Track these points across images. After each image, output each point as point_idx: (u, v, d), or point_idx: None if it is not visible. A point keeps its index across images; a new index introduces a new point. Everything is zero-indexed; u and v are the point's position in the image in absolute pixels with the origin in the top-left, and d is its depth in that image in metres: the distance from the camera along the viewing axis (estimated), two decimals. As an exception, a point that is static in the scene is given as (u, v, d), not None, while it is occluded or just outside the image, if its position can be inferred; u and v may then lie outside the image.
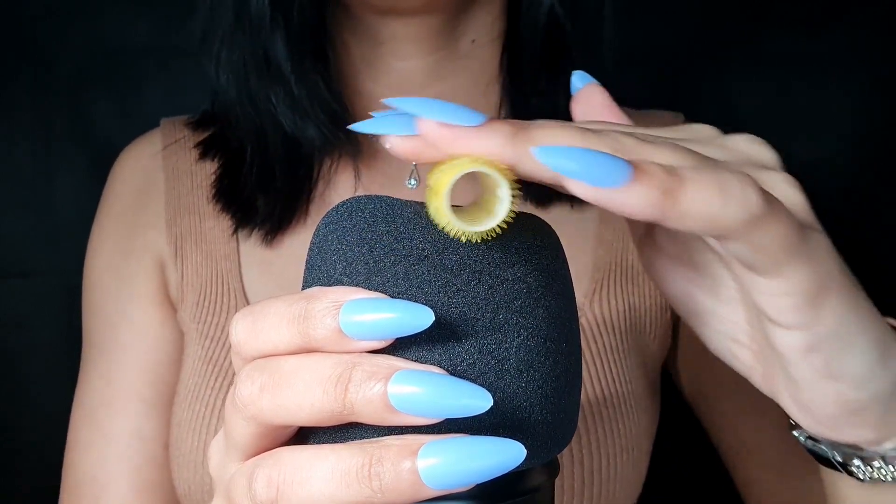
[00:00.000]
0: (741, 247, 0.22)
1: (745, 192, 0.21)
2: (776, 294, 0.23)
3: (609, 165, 0.20)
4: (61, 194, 0.71)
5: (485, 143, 0.21)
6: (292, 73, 0.47)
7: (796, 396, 0.26)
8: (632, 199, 0.20)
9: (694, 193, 0.20)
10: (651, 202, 0.20)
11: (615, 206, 0.20)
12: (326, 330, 0.21)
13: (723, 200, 0.21)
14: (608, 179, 0.20)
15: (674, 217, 0.21)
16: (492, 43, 0.51)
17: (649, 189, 0.20)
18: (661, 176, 0.20)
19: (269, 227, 0.49)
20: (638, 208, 0.20)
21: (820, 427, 0.27)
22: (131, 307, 0.52)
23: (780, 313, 0.23)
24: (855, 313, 0.24)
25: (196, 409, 0.47)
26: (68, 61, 0.70)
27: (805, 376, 0.25)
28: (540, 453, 0.23)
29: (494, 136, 0.21)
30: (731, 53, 0.71)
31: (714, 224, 0.21)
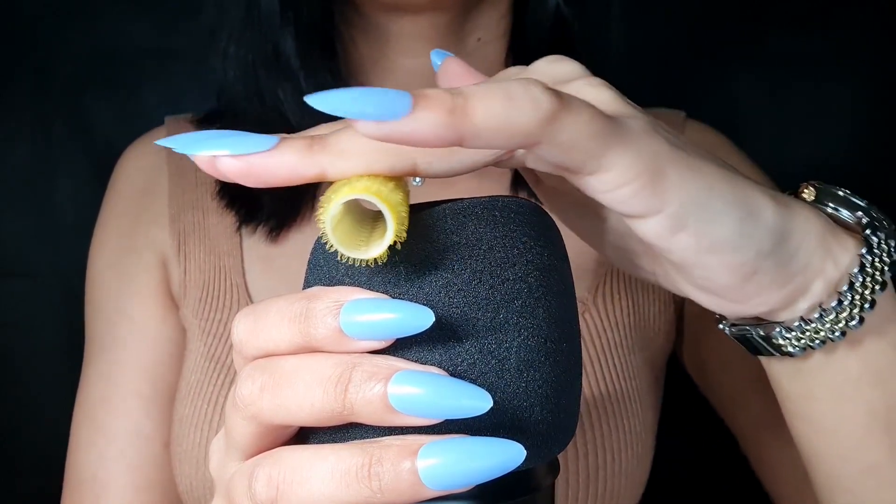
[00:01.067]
0: (551, 150, 0.22)
1: (530, 91, 0.21)
2: (611, 188, 0.23)
3: (388, 97, 0.19)
4: (61, 194, 0.71)
5: (277, 165, 0.21)
6: (301, 68, 0.47)
7: (690, 279, 0.26)
8: (421, 126, 0.20)
9: (481, 105, 0.20)
10: (441, 123, 0.20)
11: (407, 137, 0.20)
12: (327, 330, 0.21)
13: (510, 105, 0.20)
14: (390, 111, 0.19)
15: (470, 134, 0.20)
16: (497, 41, 0.51)
17: (434, 112, 0.20)
18: (444, 97, 0.20)
19: (273, 222, 0.49)
20: (431, 133, 0.20)
21: (728, 304, 0.27)
22: (132, 304, 0.52)
23: (625, 205, 0.23)
24: (700, 181, 0.23)
25: (198, 405, 0.47)
26: (68, 62, 0.70)
27: (683, 256, 0.24)
28: (540, 453, 0.23)
29: (288, 153, 0.21)
30: (734, 53, 0.71)
31: (511, 132, 0.21)
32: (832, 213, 0.28)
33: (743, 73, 0.71)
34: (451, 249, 0.22)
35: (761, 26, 0.71)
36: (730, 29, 0.71)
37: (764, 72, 0.71)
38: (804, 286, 0.26)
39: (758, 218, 0.24)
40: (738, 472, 0.55)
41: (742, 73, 0.71)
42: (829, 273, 0.26)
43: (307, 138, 0.22)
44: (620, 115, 0.24)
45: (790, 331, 0.27)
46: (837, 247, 0.26)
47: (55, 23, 0.70)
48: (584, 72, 0.26)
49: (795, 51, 0.70)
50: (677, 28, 0.72)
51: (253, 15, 0.48)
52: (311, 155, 0.21)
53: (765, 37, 0.71)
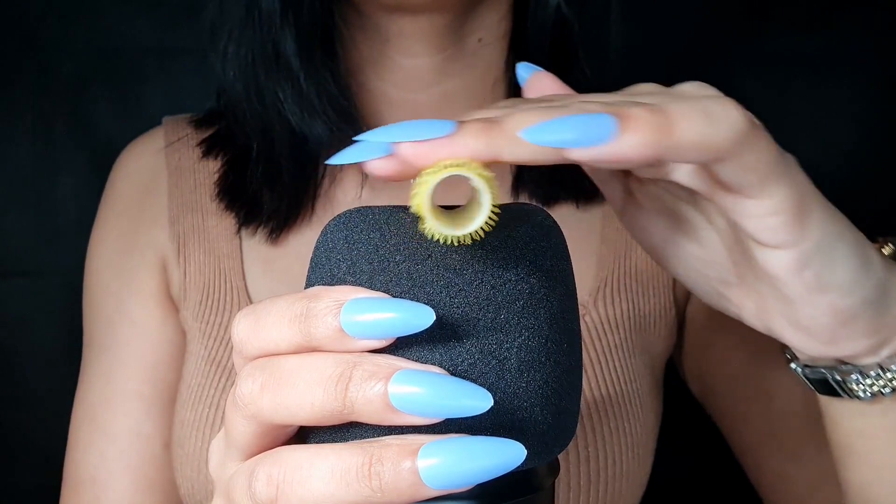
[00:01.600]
0: (733, 168, 0.23)
1: (728, 112, 0.22)
2: (765, 214, 0.24)
3: (595, 122, 0.20)
4: (62, 194, 0.71)
5: (461, 148, 0.21)
6: (301, 68, 0.47)
7: (792, 317, 0.27)
8: (628, 147, 0.21)
9: (683, 123, 0.21)
10: (647, 142, 0.21)
11: (616, 158, 0.21)
12: (328, 329, 0.21)
13: (711, 123, 0.21)
14: (600, 136, 0.20)
15: (671, 150, 0.21)
16: (498, 41, 0.51)
17: (641, 131, 0.21)
18: (647, 116, 0.21)
19: (274, 224, 0.49)
20: (638, 153, 0.21)
21: (817, 344, 0.28)
22: (131, 305, 0.51)
23: (770, 234, 0.24)
24: (834, 225, 0.25)
25: (199, 409, 0.47)
26: (69, 61, 0.70)
27: (799, 293, 0.26)
28: (540, 453, 0.23)
29: (467, 138, 0.21)
30: (735, 54, 0.71)
31: (709, 148, 0.22)
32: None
33: (744, 73, 0.71)
34: (453, 249, 0.22)
35: (762, 27, 0.71)
36: (731, 29, 0.71)
37: (765, 73, 0.71)
38: (891, 337, 0.28)
39: (870, 268, 0.26)
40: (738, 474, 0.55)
41: (743, 74, 0.71)
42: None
43: (483, 122, 0.22)
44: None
45: (866, 377, 0.29)
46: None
47: (57, 21, 0.70)
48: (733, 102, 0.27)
49: (797, 52, 0.70)
50: (678, 29, 0.72)
51: (253, 15, 0.47)
52: (489, 138, 0.22)
53: (766, 37, 0.71)
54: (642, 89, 0.27)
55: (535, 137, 0.21)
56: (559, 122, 0.21)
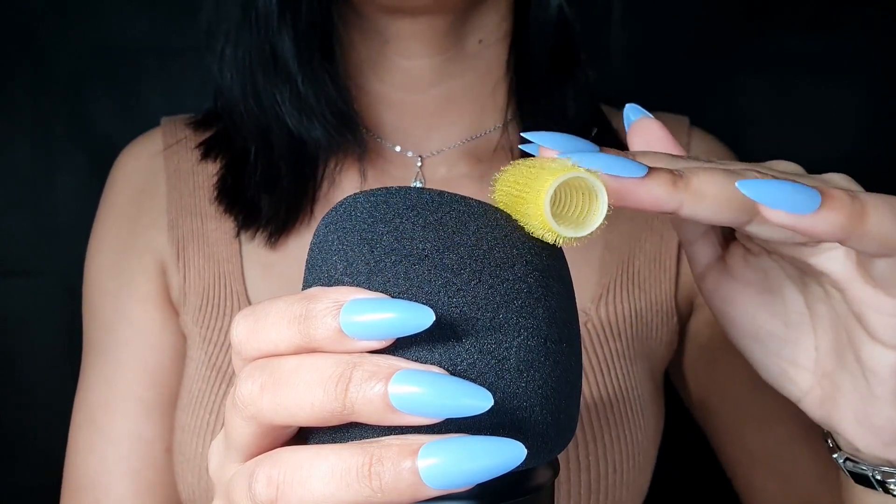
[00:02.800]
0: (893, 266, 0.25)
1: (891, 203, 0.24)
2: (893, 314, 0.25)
3: (803, 194, 0.23)
4: (61, 194, 0.71)
5: (650, 193, 0.23)
6: (299, 71, 0.47)
7: (864, 414, 0.28)
8: (824, 224, 0.23)
9: (876, 217, 0.23)
10: (841, 225, 0.23)
11: (808, 230, 0.23)
12: (327, 330, 0.21)
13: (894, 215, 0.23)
14: (804, 206, 0.23)
15: (856, 238, 0.23)
16: (498, 43, 0.51)
17: (838, 213, 0.23)
18: (847, 201, 0.23)
19: (273, 228, 0.49)
20: (830, 231, 0.23)
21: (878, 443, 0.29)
22: (131, 307, 0.51)
23: (893, 334, 0.26)
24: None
25: (199, 414, 0.47)
26: (68, 60, 0.70)
27: (890, 393, 0.27)
28: (540, 453, 0.23)
29: (658, 185, 0.23)
30: (737, 53, 0.71)
31: (886, 243, 0.24)
32: None
33: (745, 74, 0.71)
34: (451, 249, 0.22)
35: (764, 27, 0.71)
36: (732, 30, 0.71)
37: (767, 73, 0.71)
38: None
39: None
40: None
41: (745, 75, 0.71)
42: None
43: (671, 174, 0.23)
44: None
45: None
46: None
47: (56, 21, 0.70)
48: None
49: (798, 52, 0.70)
50: (679, 29, 0.72)
51: (250, 16, 0.47)
52: (675, 192, 0.23)
53: (768, 38, 0.71)
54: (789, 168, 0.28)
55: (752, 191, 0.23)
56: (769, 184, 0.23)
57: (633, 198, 0.23)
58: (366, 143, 0.49)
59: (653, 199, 0.23)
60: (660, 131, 0.30)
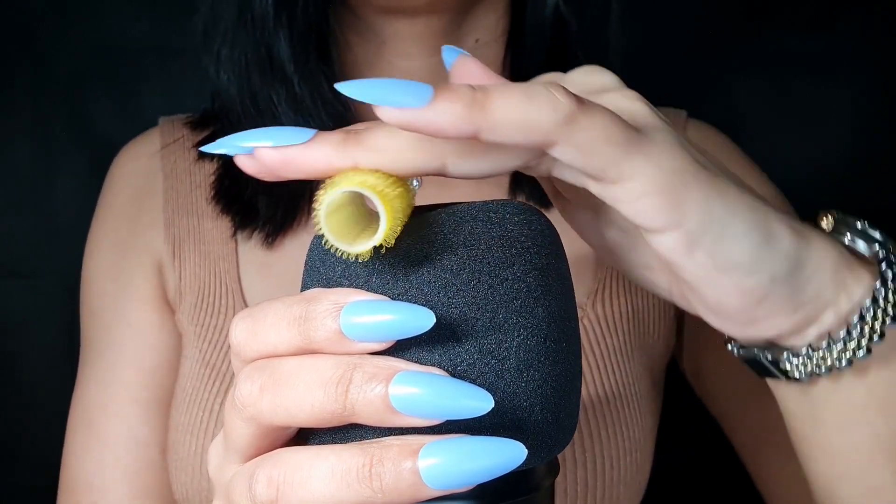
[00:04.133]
0: (569, 152, 0.22)
1: (551, 93, 0.21)
2: (632, 198, 0.23)
3: (411, 88, 0.21)
4: (61, 194, 0.71)
5: (314, 156, 0.22)
6: (295, 72, 0.47)
7: (702, 300, 0.26)
8: (440, 116, 0.21)
9: (500, 100, 0.21)
10: (459, 115, 0.21)
11: (427, 126, 0.21)
12: (327, 331, 0.21)
13: (529, 103, 0.21)
14: (412, 100, 0.21)
15: (487, 128, 0.21)
16: (495, 42, 0.51)
17: (453, 103, 0.21)
18: (465, 90, 0.21)
19: (269, 228, 0.49)
20: (449, 123, 0.21)
21: (737, 326, 0.27)
22: (128, 308, 0.51)
23: (644, 217, 0.23)
24: (722, 201, 0.24)
25: (194, 412, 0.47)
26: (68, 61, 0.70)
27: (697, 275, 0.25)
28: (540, 453, 0.23)
29: (322, 147, 0.22)
30: (735, 53, 0.71)
31: (528, 129, 0.21)
32: (849, 245, 0.28)
33: (744, 73, 0.71)
34: (449, 250, 0.22)
35: (763, 27, 0.71)
36: (731, 30, 0.71)
37: (765, 73, 0.71)
38: (814, 315, 0.27)
39: (774, 244, 0.25)
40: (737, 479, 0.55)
41: (743, 74, 0.71)
42: (842, 304, 0.26)
43: (342, 132, 0.22)
44: (649, 127, 0.24)
45: (797, 356, 0.27)
46: (851, 279, 0.27)
47: (55, 21, 0.70)
48: (619, 84, 0.27)
49: (796, 51, 0.70)
50: (678, 28, 0.72)
51: (245, 17, 0.47)
52: (345, 148, 0.22)
53: (766, 38, 0.71)
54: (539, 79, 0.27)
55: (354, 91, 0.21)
56: (383, 81, 0.21)
57: (303, 162, 0.22)
58: None
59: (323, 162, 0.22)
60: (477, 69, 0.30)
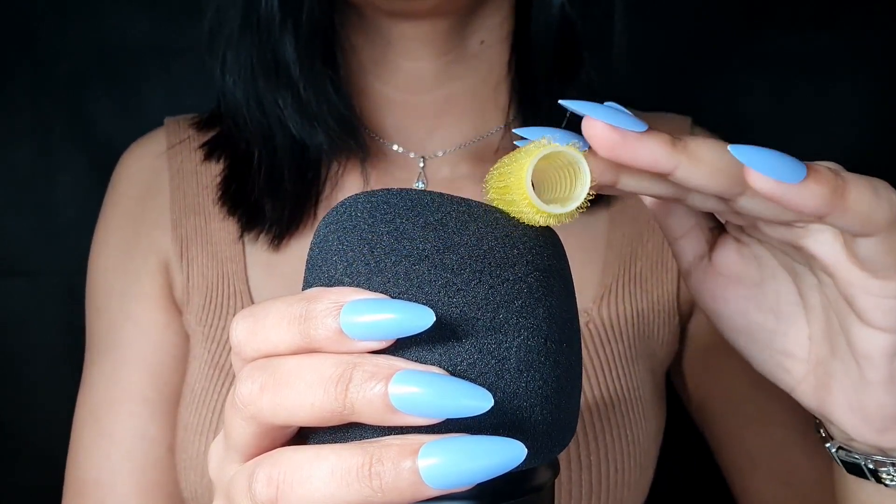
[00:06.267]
0: (876, 246, 0.25)
1: (891, 192, 0.24)
2: (884, 296, 0.26)
3: (790, 164, 0.23)
4: (61, 194, 0.71)
5: (648, 149, 0.23)
6: (301, 76, 0.47)
7: (857, 400, 0.28)
8: (807, 195, 0.23)
9: (857, 193, 0.24)
10: (824, 199, 0.23)
11: (791, 200, 0.23)
12: (327, 330, 0.21)
13: (877, 200, 0.24)
14: (790, 175, 0.23)
15: (840, 211, 0.24)
16: (500, 43, 0.51)
17: (823, 186, 0.23)
18: (831, 176, 0.24)
19: (276, 231, 0.49)
20: (812, 203, 0.23)
21: (869, 431, 0.29)
22: (135, 307, 0.51)
23: (882, 315, 0.26)
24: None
25: (202, 413, 0.47)
26: (68, 61, 0.70)
27: (883, 378, 0.27)
28: (540, 453, 0.23)
29: (657, 143, 0.23)
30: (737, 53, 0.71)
31: (868, 221, 0.24)
32: None
33: (745, 73, 0.71)
34: (451, 249, 0.22)
35: (764, 26, 0.71)
36: (732, 30, 0.71)
37: (767, 73, 0.71)
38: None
39: None
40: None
41: (745, 74, 0.71)
42: None
43: (671, 136, 0.24)
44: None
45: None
46: None
47: (56, 21, 0.70)
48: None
49: (798, 51, 0.70)
50: (679, 29, 0.72)
51: (251, 21, 0.47)
52: (674, 151, 0.23)
53: (768, 37, 0.71)
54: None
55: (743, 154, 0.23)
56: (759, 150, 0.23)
57: (631, 152, 0.23)
58: (368, 146, 0.49)
59: (650, 156, 0.23)
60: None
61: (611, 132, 0.23)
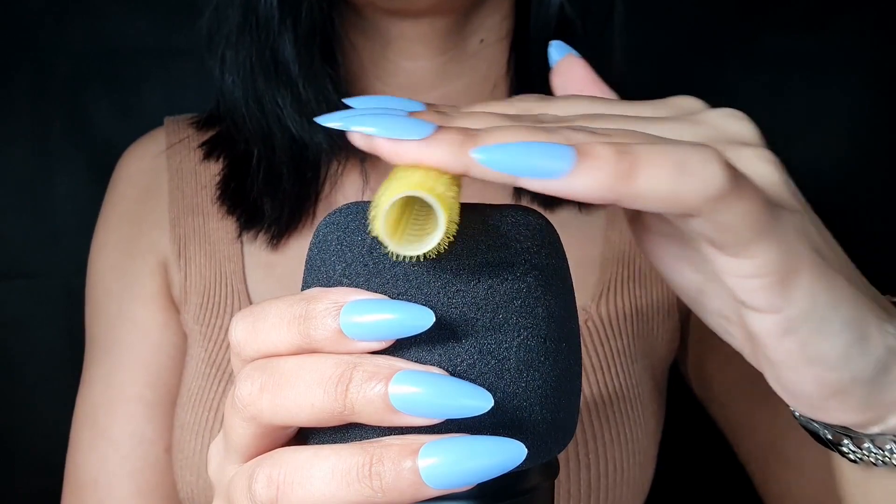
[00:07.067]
0: (705, 225, 0.21)
1: (707, 167, 0.20)
2: (744, 276, 0.22)
3: (550, 154, 0.20)
4: (61, 195, 0.71)
5: (431, 154, 0.21)
6: (300, 75, 0.46)
7: (778, 378, 0.25)
8: (581, 183, 0.20)
9: (649, 171, 0.20)
10: (602, 185, 0.20)
11: (569, 193, 0.20)
12: (327, 331, 0.21)
13: (681, 177, 0.20)
14: (553, 170, 0.20)
15: (630, 197, 0.20)
16: (500, 42, 0.51)
17: (597, 171, 0.20)
18: (610, 156, 0.20)
19: (275, 230, 0.49)
20: (590, 191, 0.20)
21: (804, 408, 0.26)
22: (134, 308, 0.51)
23: (749, 295, 0.22)
24: (828, 294, 0.23)
25: (199, 412, 0.47)
26: (67, 61, 0.70)
27: (782, 359, 0.24)
28: (540, 453, 0.23)
29: (441, 146, 0.21)
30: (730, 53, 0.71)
31: (673, 202, 0.20)
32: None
33: (742, 73, 0.71)
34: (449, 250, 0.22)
35: (759, 27, 0.71)
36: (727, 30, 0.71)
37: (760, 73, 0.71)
38: (883, 416, 0.26)
39: (865, 346, 0.24)
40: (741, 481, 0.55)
41: (741, 74, 0.71)
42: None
43: (460, 132, 0.21)
44: (781, 203, 0.23)
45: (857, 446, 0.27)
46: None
47: (55, 22, 0.70)
48: (757, 138, 0.25)
49: (794, 51, 0.70)
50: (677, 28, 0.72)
51: (250, 20, 0.47)
52: (462, 153, 0.21)
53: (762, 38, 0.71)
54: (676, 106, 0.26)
55: (488, 157, 0.20)
56: (515, 147, 0.20)
57: (416, 158, 0.21)
58: None
59: (438, 162, 0.21)
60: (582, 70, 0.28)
61: (389, 144, 0.21)
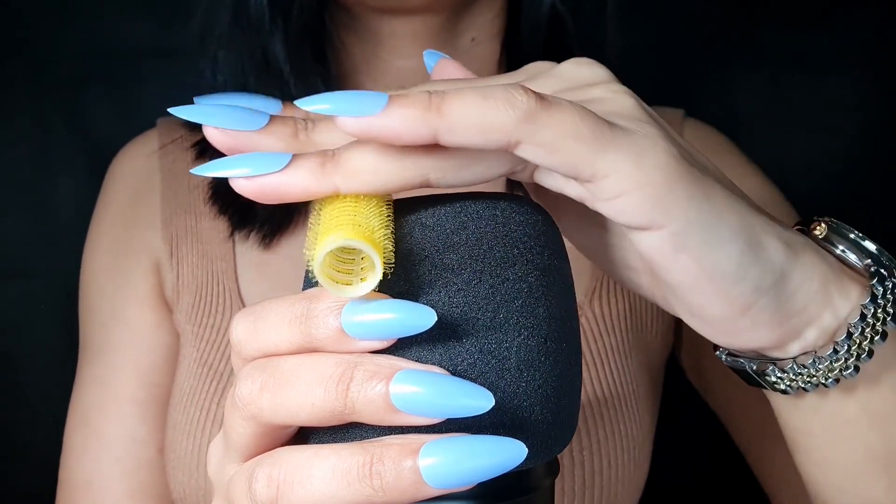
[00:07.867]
0: (534, 150, 0.21)
1: (509, 92, 0.21)
2: (609, 196, 0.22)
3: (366, 97, 0.21)
4: (60, 195, 0.71)
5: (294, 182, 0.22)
6: (291, 74, 0.47)
7: (684, 304, 0.25)
8: (395, 121, 0.20)
9: (456, 102, 0.21)
10: (415, 119, 0.20)
11: (383, 132, 0.21)
12: (328, 330, 0.21)
13: (485, 104, 0.21)
14: (366, 108, 0.21)
15: (445, 130, 0.21)
16: (491, 40, 0.51)
17: (408, 108, 0.20)
18: (420, 95, 0.21)
19: (267, 229, 0.49)
20: (404, 128, 0.21)
21: (719, 335, 0.26)
22: (126, 308, 0.51)
23: (626, 216, 0.22)
24: (709, 203, 0.23)
25: (190, 412, 0.47)
26: (67, 62, 0.70)
27: (680, 279, 0.24)
28: (540, 453, 0.23)
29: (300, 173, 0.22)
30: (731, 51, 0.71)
31: (488, 130, 0.21)
32: (840, 255, 0.27)
33: (742, 71, 0.71)
34: (451, 249, 0.23)
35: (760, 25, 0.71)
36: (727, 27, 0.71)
37: (763, 70, 0.71)
38: (798, 330, 0.26)
39: (760, 252, 0.24)
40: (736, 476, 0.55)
41: (741, 72, 0.72)
42: (827, 321, 0.26)
43: (319, 156, 0.22)
44: (632, 121, 0.23)
45: (783, 371, 0.27)
46: (839, 295, 0.26)
47: (54, 22, 0.70)
48: (609, 77, 0.26)
49: (795, 49, 0.70)
50: (675, 26, 0.72)
51: (241, 19, 0.47)
52: (323, 175, 0.22)
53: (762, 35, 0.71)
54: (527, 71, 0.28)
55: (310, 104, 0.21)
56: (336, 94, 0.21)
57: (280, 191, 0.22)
58: None
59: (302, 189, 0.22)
60: (457, 71, 0.29)
61: (250, 183, 0.22)
